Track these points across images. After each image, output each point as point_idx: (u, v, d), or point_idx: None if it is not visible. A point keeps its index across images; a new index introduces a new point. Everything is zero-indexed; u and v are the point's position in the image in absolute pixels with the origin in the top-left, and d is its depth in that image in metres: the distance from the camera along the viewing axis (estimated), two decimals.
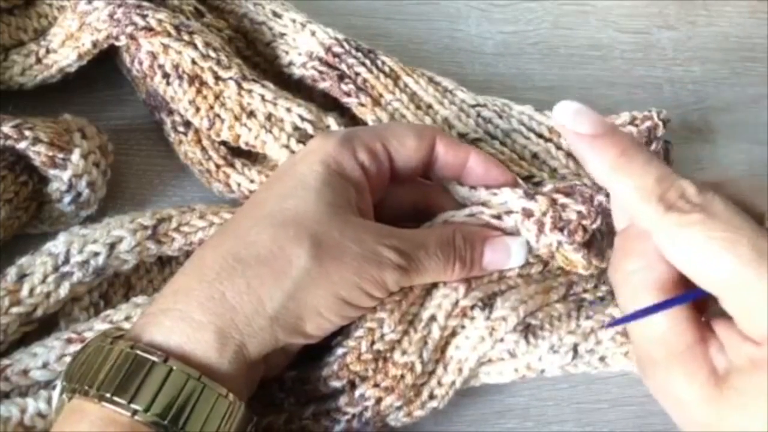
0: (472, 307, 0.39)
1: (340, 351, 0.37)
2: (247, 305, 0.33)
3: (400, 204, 0.41)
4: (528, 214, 0.39)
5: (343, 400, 0.37)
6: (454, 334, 0.39)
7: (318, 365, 0.38)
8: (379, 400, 0.37)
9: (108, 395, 0.30)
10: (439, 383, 0.39)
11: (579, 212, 0.38)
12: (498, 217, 0.39)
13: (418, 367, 0.38)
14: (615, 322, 0.38)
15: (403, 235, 0.36)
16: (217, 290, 0.33)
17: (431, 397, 0.39)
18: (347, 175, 0.37)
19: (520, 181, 0.41)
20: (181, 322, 0.32)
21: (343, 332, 0.38)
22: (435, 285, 0.39)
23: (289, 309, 0.33)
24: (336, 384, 0.37)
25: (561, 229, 0.38)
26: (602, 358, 0.41)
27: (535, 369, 0.40)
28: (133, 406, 0.30)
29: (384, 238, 0.35)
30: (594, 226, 0.38)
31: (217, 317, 0.32)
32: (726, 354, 0.30)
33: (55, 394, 0.33)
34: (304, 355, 0.37)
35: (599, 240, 0.40)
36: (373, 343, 0.37)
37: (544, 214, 0.38)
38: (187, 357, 0.32)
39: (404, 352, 0.38)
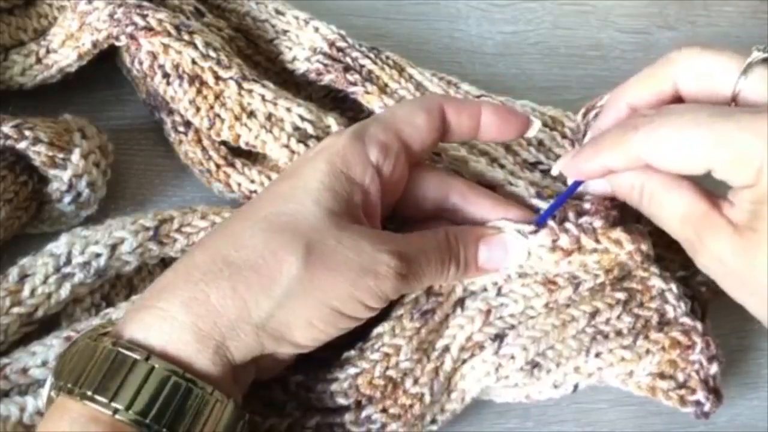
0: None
1: (351, 370, 0.37)
2: (231, 310, 0.32)
3: (422, 202, 0.39)
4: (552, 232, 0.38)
5: (348, 417, 0.37)
6: (462, 362, 0.39)
7: (325, 376, 0.37)
8: (384, 426, 0.37)
9: (89, 393, 0.30)
10: (442, 410, 0.39)
11: (592, 201, 0.39)
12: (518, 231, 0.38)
13: (427, 399, 0.38)
14: (540, 218, 0.38)
15: (402, 239, 0.35)
16: (201, 291, 0.32)
17: (433, 421, 0.39)
18: (354, 177, 0.35)
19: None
20: (163, 321, 0.32)
21: (355, 346, 0.38)
22: (453, 311, 0.39)
23: (277, 317, 0.32)
24: (342, 401, 0.37)
25: (581, 215, 0.38)
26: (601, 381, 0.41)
27: (532, 398, 0.40)
28: (113, 404, 0.30)
29: (383, 244, 0.34)
30: (613, 212, 0.38)
31: (199, 318, 0.32)
32: (736, 207, 0.33)
33: (45, 390, 0.32)
34: (310, 358, 0.37)
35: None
36: (387, 368, 0.37)
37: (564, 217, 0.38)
38: (169, 355, 0.31)
39: (416, 382, 0.37)
